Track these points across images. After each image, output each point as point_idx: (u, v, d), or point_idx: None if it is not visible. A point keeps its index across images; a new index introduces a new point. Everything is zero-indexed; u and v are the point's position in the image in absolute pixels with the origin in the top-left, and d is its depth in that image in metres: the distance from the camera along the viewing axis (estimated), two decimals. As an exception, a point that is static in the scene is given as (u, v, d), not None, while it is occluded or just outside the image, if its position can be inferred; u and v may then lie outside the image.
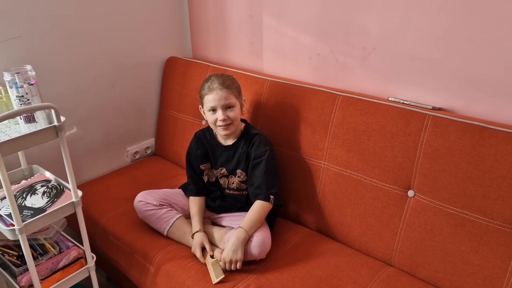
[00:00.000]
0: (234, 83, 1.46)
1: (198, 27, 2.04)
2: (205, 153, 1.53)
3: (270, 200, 1.38)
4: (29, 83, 1.20)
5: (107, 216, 1.60)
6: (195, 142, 1.55)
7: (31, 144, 1.17)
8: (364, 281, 1.27)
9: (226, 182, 1.50)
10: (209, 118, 1.44)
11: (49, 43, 1.60)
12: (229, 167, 1.49)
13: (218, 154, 1.51)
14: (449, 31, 1.27)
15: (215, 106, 1.41)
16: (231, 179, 1.48)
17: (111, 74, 1.84)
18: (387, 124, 1.32)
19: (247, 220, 1.34)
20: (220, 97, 1.40)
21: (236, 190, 1.49)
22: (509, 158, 1.11)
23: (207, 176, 1.53)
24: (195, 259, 1.36)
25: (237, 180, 1.47)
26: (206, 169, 1.53)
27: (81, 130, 1.79)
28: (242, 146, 1.46)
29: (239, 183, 1.47)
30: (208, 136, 1.54)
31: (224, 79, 1.43)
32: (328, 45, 1.57)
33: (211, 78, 1.44)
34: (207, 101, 1.42)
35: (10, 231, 1.15)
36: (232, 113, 1.42)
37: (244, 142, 1.47)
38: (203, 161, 1.53)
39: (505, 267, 1.13)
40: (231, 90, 1.42)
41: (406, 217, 1.30)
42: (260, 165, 1.41)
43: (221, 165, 1.50)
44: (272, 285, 1.25)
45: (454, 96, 1.33)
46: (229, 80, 1.44)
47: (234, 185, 1.48)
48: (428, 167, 1.25)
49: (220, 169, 1.50)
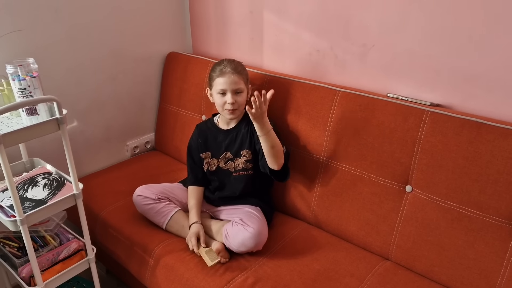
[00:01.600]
0: (245, 70, 1.50)
1: (198, 23, 2.04)
2: (206, 141, 1.55)
3: (284, 148, 1.40)
4: (32, 76, 1.21)
5: (107, 209, 1.61)
6: (196, 132, 1.59)
7: (33, 136, 1.18)
8: (362, 275, 1.28)
9: (232, 165, 1.51)
10: (217, 101, 1.47)
11: (51, 37, 1.60)
12: (233, 150, 1.50)
13: (220, 139, 1.53)
14: (448, 28, 1.28)
15: (225, 89, 1.44)
16: (236, 162, 1.50)
17: (112, 68, 1.85)
18: (386, 120, 1.34)
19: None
20: (232, 81, 1.43)
21: (242, 171, 1.50)
22: (505, 154, 1.13)
23: (207, 164, 1.54)
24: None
25: (243, 160, 1.49)
26: (206, 157, 1.55)
27: (81, 123, 1.80)
28: (244, 127, 1.49)
29: (244, 163, 1.49)
30: (209, 124, 1.58)
31: (236, 64, 1.47)
32: (328, 41, 1.58)
33: (224, 62, 1.47)
34: (218, 83, 1.45)
35: (11, 222, 1.16)
36: (240, 98, 1.45)
37: (245, 123, 1.49)
38: (203, 149, 1.55)
39: (501, 261, 1.15)
40: (241, 75, 1.46)
41: (404, 212, 1.31)
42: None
43: (225, 149, 1.52)
44: (270, 278, 1.27)
45: (452, 92, 1.34)
46: (240, 66, 1.48)
47: (240, 166, 1.49)
48: (426, 163, 1.26)
49: (224, 153, 1.52)
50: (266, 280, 1.26)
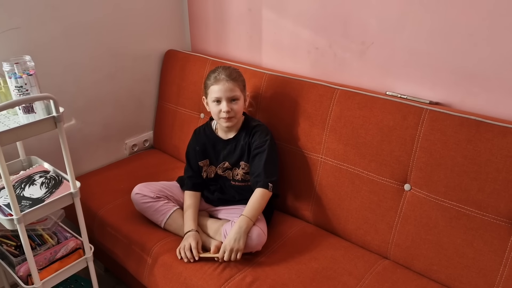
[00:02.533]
0: (240, 76, 1.47)
1: (197, 20, 2.04)
2: (204, 149, 1.53)
3: (269, 188, 1.38)
4: (28, 74, 1.20)
5: (105, 207, 1.61)
6: (193, 139, 1.56)
7: (30, 135, 1.17)
8: (360, 273, 1.28)
9: (230, 174, 1.50)
10: (213, 109, 1.45)
11: (48, 34, 1.59)
12: (231, 160, 1.49)
13: (219, 149, 1.51)
14: (447, 26, 1.27)
15: (220, 97, 1.41)
16: (235, 171, 1.49)
17: (110, 66, 1.84)
18: (385, 118, 1.33)
19: (249, 208, 1.35)
20: (226, 89, 1.40)
21: (241, 182, 1.49)
22: (504, 152, 1.12)
23: (206, 172, 1.54)
24: (193, 250, 1.37)
25: (242, 172, 1.48)
26: (204, 165, 1.53)
27: (79, 122, 1.79)
28: (244, 138, 1.47)
29: (243, 175, 1.48)
30: (207, 131, 1.55)
31: (231, 71, 1.44)
32: (326, 39, 1.57)
33: (218, 69, 1.45)
34: (213, 91, 1.43)
35: (8, 221, 1.16)
36: (236, 105, 1.43)
37: (245, 134, 1.48)
38: (201, 157, 1.53)
39: (499, 260, 1.14)
40: (237, 82, 1.43)
41: (402, 210, 1.31)
42: (260, 155, 1.42)
43: (223, 159, 1.50)
44: (268, 276, 1.26)
45: (451, 90, 1.33)
46: (235, 73, 1.45)
47: (238, 176, 1.49)
48: (425, 161, 1.26)
49: (222, 163, 1.51)
50: (264, 279, 1.25)
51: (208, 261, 1.32)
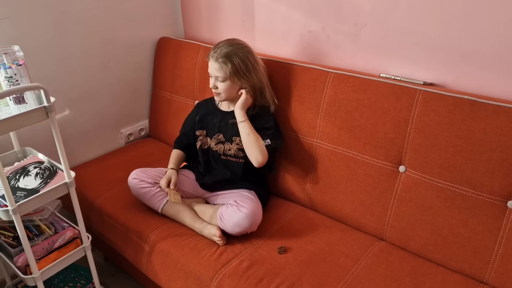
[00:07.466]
0: (233, 64, 1.40)
1: (189, 7, 2.01)
2: (203, 119, 1.56)
3: (265, 142, 1.41)
4: (18, 64, 1.19)
5: (102, 197, 1.61)
6: (195, 109, 1.62)
7: (21, 125, 1.17)
8: (356, 255, 1.29)
9: (222, 148, 1.50)
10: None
11: (38, 24, 1.57)
12: (226, 133, 1.50)
13: (217, 120, 1.52)
14: (441, 6, 1.26)
15: (209, 73, 1.46)
16: (227, 146, 1.49)
17: (103, 55, 1.82)
18: (378, 100, 1.32)
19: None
20: (213, 68, 1.43)
21: (233, 157, 1.49)
22: (498, 131, 1.12)
23: (201, 142, 1.54)
24: (189, 236, 1.38)
25: (235, 147, 1.48)
26: (201, 135, 1.55)
27: (73, 112, 1.79)
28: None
29: (236, 150, 1.48)
30: (210, 103, 1.59)
31: (225, 53, 1.40)
32: (319, 22, 1.56)
33: (220, 45, 1.44)
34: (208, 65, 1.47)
35: (3, 212, 1.16)
36: (221, 85, 1.44)
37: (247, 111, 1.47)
38: (199, 127, 1.55)
39: (494, 238, 1.15)
40: (225, 66, 1.40)
41: (398, 192, 1.31)
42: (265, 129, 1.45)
43: (219, 130, 1.51)
44: (265, 260, 1.27)
45: (445, 71, 1.32)
46: (229, 59, 1.40)
47: (231, 151, 1.49)
48: (419, 142, 1.25)
49: (217, 134, 1.51)
50: (261, 263, 1.26)
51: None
